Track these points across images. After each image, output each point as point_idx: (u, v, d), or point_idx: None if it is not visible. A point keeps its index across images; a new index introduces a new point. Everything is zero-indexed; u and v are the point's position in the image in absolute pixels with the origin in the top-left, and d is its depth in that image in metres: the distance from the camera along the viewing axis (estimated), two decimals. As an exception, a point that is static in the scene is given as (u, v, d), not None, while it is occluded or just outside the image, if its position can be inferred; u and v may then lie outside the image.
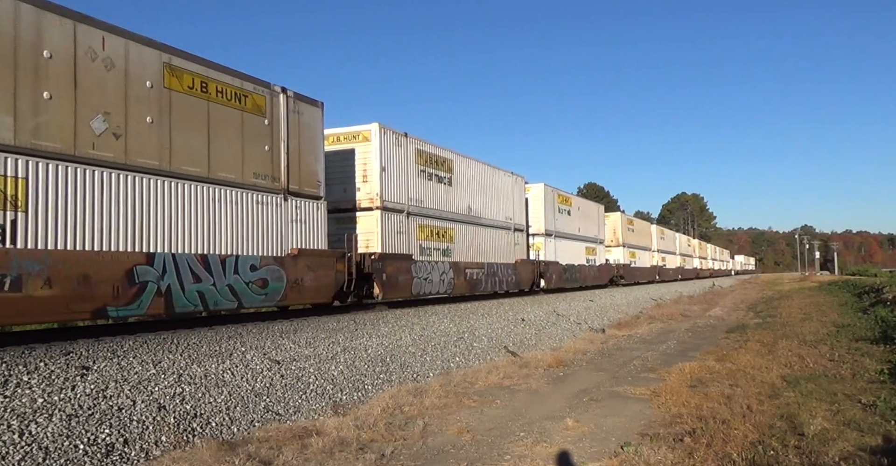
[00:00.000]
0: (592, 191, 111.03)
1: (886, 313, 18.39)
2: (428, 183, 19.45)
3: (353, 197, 17.32)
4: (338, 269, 14.65)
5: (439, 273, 19.31)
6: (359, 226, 17.06)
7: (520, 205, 26.54)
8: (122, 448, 6.30)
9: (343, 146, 17.51)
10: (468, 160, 22.43)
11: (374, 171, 17.09)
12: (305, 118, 14.30)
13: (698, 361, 12.16)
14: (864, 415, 7.48)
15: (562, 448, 6.83)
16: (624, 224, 44.35)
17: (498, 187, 24.59)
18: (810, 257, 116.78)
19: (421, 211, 18.95)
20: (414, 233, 18.45)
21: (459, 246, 20.97)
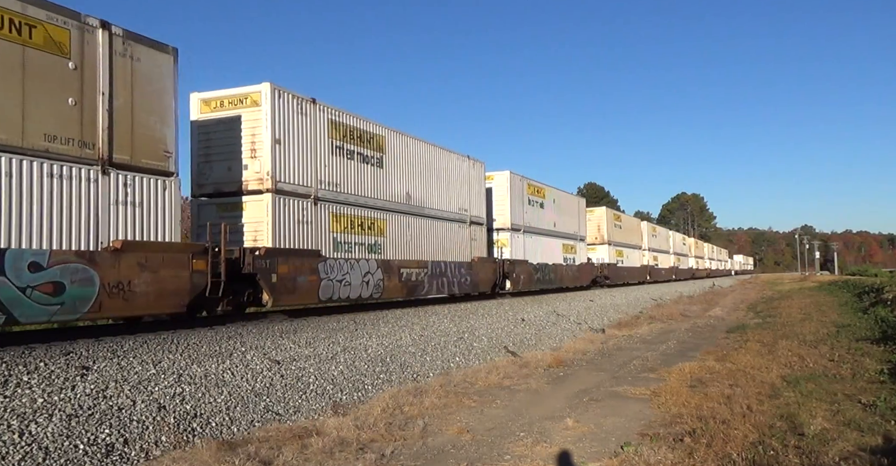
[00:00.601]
0: (592, 190, 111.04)
1: (886, 313, 18.40)
2: (347, 162, 15.88)
3: (238, 177, 13.78)
4: (196, 269, 11.03)
5: (361, 273, 15.74)
6: (245, 213, 13.66)
7: (479, 195, 23.07)
8: (122, 448, 6.30)
9: (227, 112, 14.02)
10: (407, 138, 18.75)
11: (264, 144, 13.56)
12: (145, 66, 10.72)
13: (698, 361, 12.16)
14: (864, 415, 7.48)
15: (562, 448, 6.83)
16: (610, 220, 40.90)
17: (449, 173, 21.02)
18: (810, 257, 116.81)
19: (336, 197, 15.37)
20: (325, 223, 14.91)
21: (393, 240, 17.49)
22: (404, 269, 17.72)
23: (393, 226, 17.61)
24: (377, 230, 16.97)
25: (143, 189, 10.61)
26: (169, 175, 11.08)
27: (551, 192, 30.64)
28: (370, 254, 16.49)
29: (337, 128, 15.73)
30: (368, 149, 16.88)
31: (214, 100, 14.25)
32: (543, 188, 29.62)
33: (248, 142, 13.72)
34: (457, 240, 21.16)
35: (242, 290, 12.65)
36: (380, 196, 17.17)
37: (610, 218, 40.99)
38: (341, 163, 15.77)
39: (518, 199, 26.48)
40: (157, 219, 10.80)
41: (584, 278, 33.89)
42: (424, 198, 19.44)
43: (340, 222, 15.54)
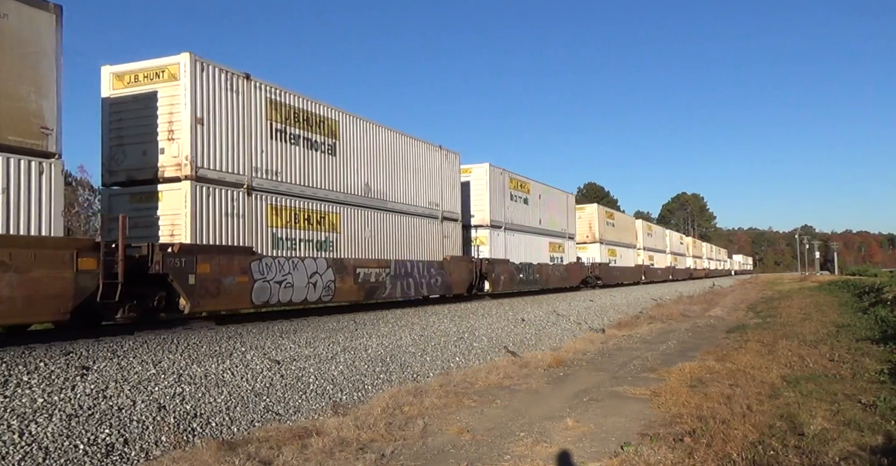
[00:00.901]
0: (592, 191, 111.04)
1: (886, 313, 18.40)
2: (291, 148, 13.94)
3: (154, 162, 11.95)
4: (82, 269, 9.21)
5: (307, 274, 13.88)
6: (161, 204, 11.86)
7: (452, 189, 21.19)
8: (122, 448, 6.30)
9: (142, 88, 12.16)
10: (366, 123, 16.74)
11: (183, 124, 11.72)
12: (14, 25, 8.95)
13: (698, 361, 12.16)
14: (864, 415, 7.48)
15: (562, 448, 6.83)
16: (602, 217, 38.65)
17: (417, 164, 19.14)
18: (810, 257, 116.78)
19: (276, 187, 13.47)
20: (263, 217, 13.07)
21: (349, 237, 15.62)
22: (361, 269, 15.78)
23: (348, 220, 15.74)
24: (329, 225, 14.99)
25: (11, 172, 8.74)
26: (48, 156, 9.24)
27: (537, 187, 28.67)
28: (320, 252, 14.53)
29: (278, 109, 13.75)
30: (318, 134, 14.87)
31: (128, 74, 12.30)
32: (528, 182, 27.63)
33: (165, 123, 11.89)
34: (426, 238, 19.28)
35: (151, 294, 10.79)
36: (332, 187, 15.27)
37: (602, 215, 39.00)
38: (283, 149, 13.84)
39: (499, 194, 24.58)
40: (30, 209, 8.95)
41: (573, 278, 32.23)
42: (387, 190, 17.58)
43: (281, 215, 13.58)
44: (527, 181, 27.72)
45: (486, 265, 22.59)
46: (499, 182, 24.76)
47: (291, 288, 13.44)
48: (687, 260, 69.20)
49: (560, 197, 32.20)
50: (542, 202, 29.02)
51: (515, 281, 24.93)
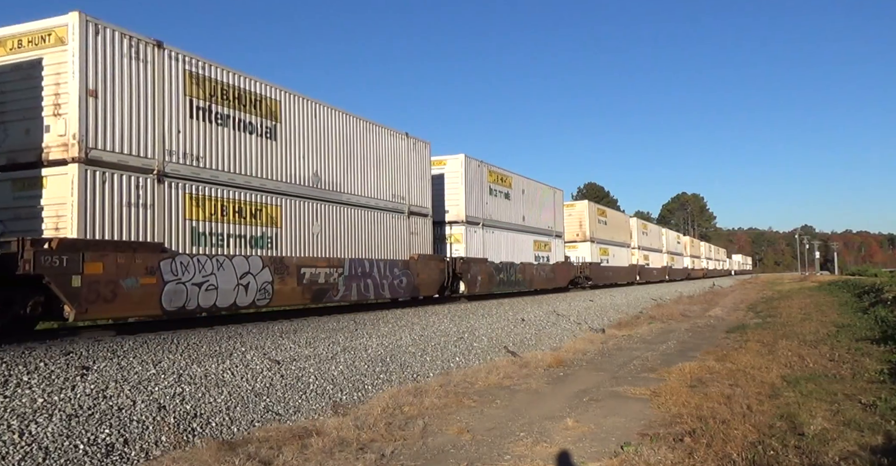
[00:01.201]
0: (592, 191, 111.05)
1: (886, 313, 18.40)
2: (217, 130, 12.11)
3: (38, 142, 10.16)
4: None
5: (237, 274, 12.05)
6: (46, 192, 10.08)
7: (423, 181, 19.52)
8: (122, 448, 6.30)
9: (25, 55, 10.44)
10: (315, 105, 14.97)
11: (71, 97, 9.94)
12: None
13: (698, 361, 12.16)
14: (864, 415, 7.48)
15: (562, 448, 6.83)
16: (593, 215, 36.80)
17: (380, 152, 17.48)
18: (810, 257, 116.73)
19: (198, 173, 11.65)
20: (179, 208, 11.24)
21: (293, 232, 13.85)
22: (307, 269, 13.93)
23: (292, 214, 13.94)
24: (266, 219, 13.19)
25: None
26: None
27: (520, 182, 26.93)
28: (254, 250, 12.76)
29: (200, 83, 11.93)
30: (253, 114, 13.08)
31: (11, 38, 10.60)
32: (509, 176, 25.81)
33: (51, 96, 10.13)
34: (390, 234, 17.65)
35: (22, 299, 9.06)
36: (271, 175, 13.45)
37: (593, 212, 37.10)
38: (207, 131, 12.00)
39: (476, 188, 22.76)
40: None
41: (561, 279, 30.52)
42: (342, 181, 15.78)
43: (204, 207, 11.73)
44: (508, 174, 25.82)
45: (461, 264, 20.81)
46: (476, 175, 22.89)
47: (215, 291, 11.54)
48: (684, 260, 67.80)
49: (546, 192, 30.20)
50: (525, 197, 27.32)
51: (495, 282, 23.19)
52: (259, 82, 13.40)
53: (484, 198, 23.43)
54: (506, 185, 25.51)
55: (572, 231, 35.00)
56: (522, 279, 25.89)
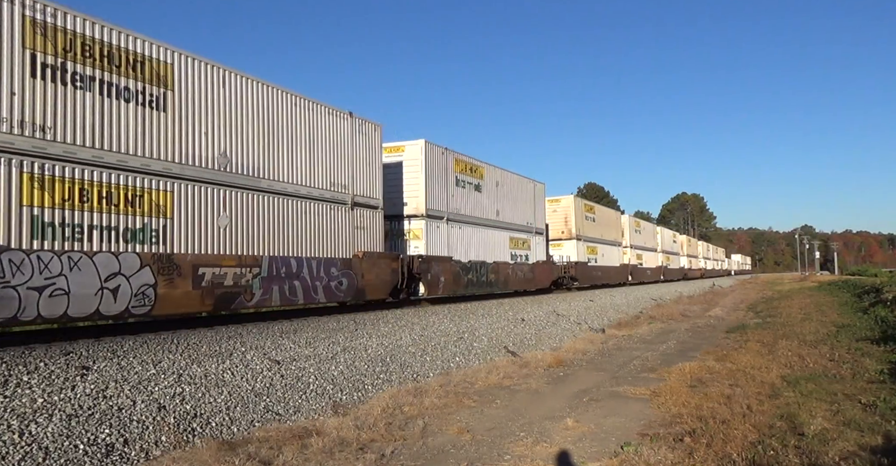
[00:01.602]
0: (592, 190, 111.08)
1: (886, 313, 18.40)
2: (76, 94, 9.76)
3: None
4: None
5: (99, 276, 9.70)
6: None
7: (371, 169, 16.94)
8: (122, 448, 6.30)
9: None
10: (220, 71, 12.45)
11: None
12: None
13: (698, 361, 12.16)
14: (864, 415, 7.48)
15: (562, 448, 6.83)
16: (579, 211, 34.21)
17: (316, 133, 14.96)
18: (810, 257, 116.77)
19: (43, 148, 9.33)
20: (11, 191, 8.94)
21: (188, 224, 11.43)
22: (208, 269, 11.61)
23: (188, 201, 11.54)
24: (150, 207, 10.81)
25: None
26: None
27: (493, 173, 24.38)
28: (131, 245, 10.41)
29: (49, 35, 9.55)
30: (133, 79, 10.70)
31: None
32: (481, 166, 23.31)
33: None
34: (327, 228, 15.17)
35: None
36: (157, 154, 11.04)
37: (580, 208, 34.50)
38: (59, 95, 9.63)
39: (439, 178, 20.27)
40: None
41: (542, 279, 28.19)
42: (261, 164, 13.33)
43: (53, 190, 9.41)
44: (479, 164, 23.29)
45: (420, 263, 18.33)
46: (439, 163, 20.35)
47: (66, 297, 9.19)
48: (681, 260, 65.23)
49: (525, 185, 27.62)
50: (500, 190, 24.82)
51: (462, 283, 20.79)
52: (141, 39, 10.94)
53: (449, 189, 20.89)
54: (476, 176, 22.91)
55: (557, 228, 32.85)
56: (496, 279, 23.43)
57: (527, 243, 27.28)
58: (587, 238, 35.22)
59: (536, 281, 27.51)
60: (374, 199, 17.11)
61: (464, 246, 21.64)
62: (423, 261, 18.68)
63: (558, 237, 32.88)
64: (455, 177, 21.47)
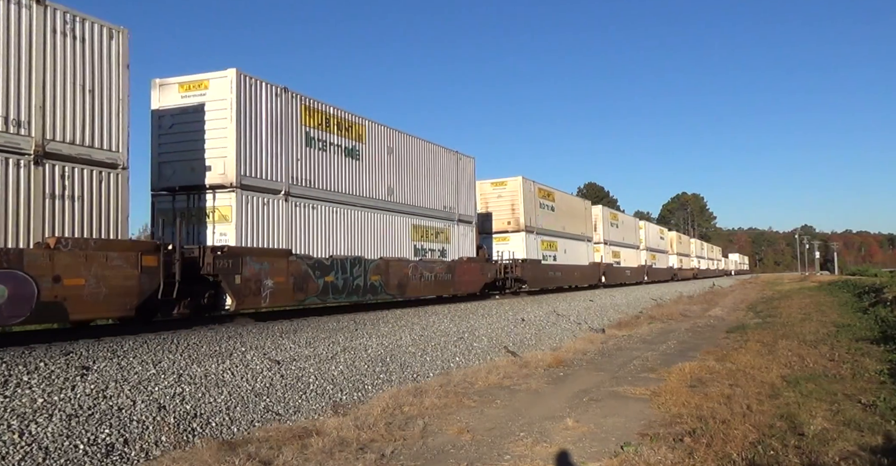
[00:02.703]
0: (592, 190, 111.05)
1: (886, 313, 18.40)
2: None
3: None
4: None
5: None
6: None
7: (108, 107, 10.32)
8: (122, 448, 6.30)
9: None
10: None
11: None
12: None
13: (698, 361, 12.16)
14: (864, 415, 7.48)
15: (562, 448, 6.83)
16: (531, 197, 27.59)
17: None
18: (810, 257, 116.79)
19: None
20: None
21: None
22: None
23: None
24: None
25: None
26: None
27: (381, 135, 17.66)
28: None
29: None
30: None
31: None
32: (359, 123, 16.75)
33: None
34: None
35: None
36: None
37: (531, 194, 27.62)
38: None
39: (268, 132, 13.74)
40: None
41: (467, 281, 21.49)
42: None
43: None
44: (358, 120, 16.68)
45: (218, 260, 11.93)
46: (270, 108, 13.86)
47: None
48: (669, 259, 59.68)
49: (443, 158, 20.88)
50: (395, 161, 18.22)
51: (312, 289, 14.38)
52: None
53: (292, 150, 14.38)
54: (350, 137, 16.34)
55: (503, 218, 26.66)
56: (381, 282, 16.83)
57: (443, 234, 20.73)
58: (543, 230, 28.53)
59: (458, 284, 20.91)
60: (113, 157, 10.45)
61: (321, 235, 15.23)
62: (226, 257, 12.16)
63: (503, 229, 26.66)
64: (306, 135, 14.82)
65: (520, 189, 26.77)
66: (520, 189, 26.77)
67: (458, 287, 21.07)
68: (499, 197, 26.95)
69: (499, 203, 26.92)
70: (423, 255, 19.45)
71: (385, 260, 17.27)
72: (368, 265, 16.51)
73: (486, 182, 27.08)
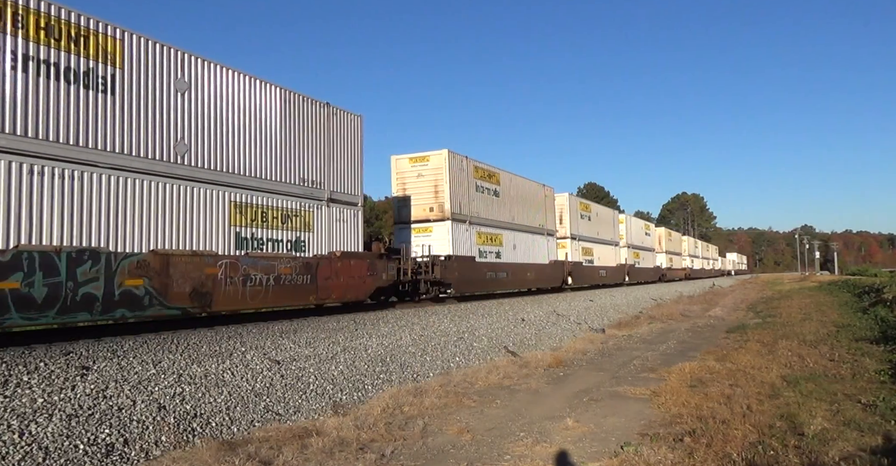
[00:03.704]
0: (592, 190, 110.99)
1: (886, 313, 18.40)
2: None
3: None
4: None
5: None
6: None
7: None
8: (122, 448, 6.30)
9: None
10: None
11: None
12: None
13: (698, 361, 12.16)
14: (864, 415, 7.48)
15: (562, 448, 6.83)
16: (462, 177, 21.73)
17: None
18: (810, 257, 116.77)
19: None
20: None
21: None
22: None
23: None
24: None
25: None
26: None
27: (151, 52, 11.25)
28: None
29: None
30: None
31: None
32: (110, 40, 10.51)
33: None
34: None
35: None
36: None
37: (463, 173, 21.71)
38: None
39: None
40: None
41: (347, 286, 15.50)
42: None
43: None
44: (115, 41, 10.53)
45: None
46: None
47: None
48: (657, 257, 53.77)
49: (304, 110, 14.95)
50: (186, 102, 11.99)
51: None
52: None
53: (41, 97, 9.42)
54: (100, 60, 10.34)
55: (423, 203, 20.99)
56: (152, 289, 10.56)
57: (299, 218, 14.53)
58: (482, 220, 22.88)
59: (325, 289, 14.80)
60: None
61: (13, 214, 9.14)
62: None
63: (424, 217, 20.96)
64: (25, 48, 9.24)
65: (445, 165, 20.72)
66: (445, 165, 20.72)
67: (327, 293, 14.92)
68: (419, 176, 21.08)
69: (417, 182, 21.16)
70: (257, 247, 13.25)
71: (160, 255, 10.89)
72: (119, 262, 10.16)
73: (403, 157, 21.54)
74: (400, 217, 21.34)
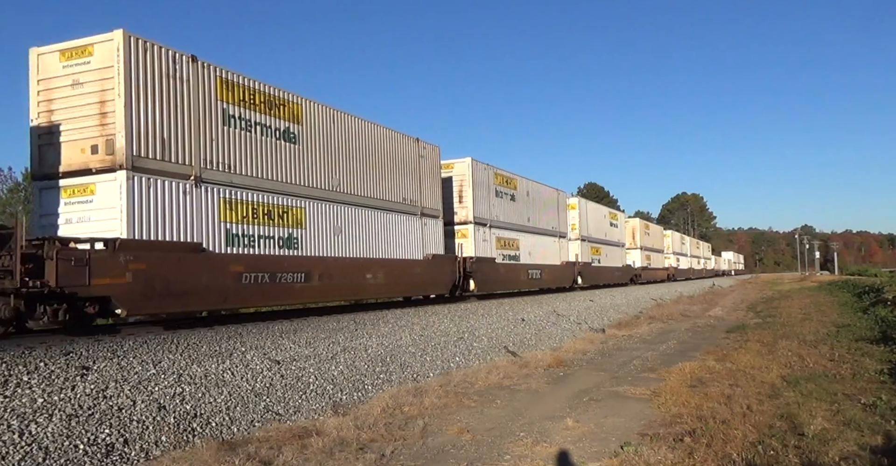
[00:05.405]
0: (592, 190, 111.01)
1: (886, 313, 18.41)
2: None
3: None
4: None
5: None
6: None
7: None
8: (122, 448, 6.30)
9: None
10: None
11: None
12: None
13: (698, 361, 12.16)
14: (864, 415, 7.48)
15: (562, 448, 6.83)
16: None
17: None
18: (810, 257, 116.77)
19: None
20: None
21: None
22: None
23: None
24: None
25: None
26: None
27: None
28: None
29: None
30: None
31: None
32: None
33: None
34: None
35: None
36: None
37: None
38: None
39: None
40: None
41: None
42: None
43: None
44: None
45: None
46: None
47: None
48: (631, 254, 45.03)
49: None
50: None
51: None
52: None
53: None
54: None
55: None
56: None
57: None
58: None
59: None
60: None
61: None
62: None
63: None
64: None
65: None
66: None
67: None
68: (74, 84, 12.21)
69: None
70: None
71: None
72: None
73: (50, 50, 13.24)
74: None
